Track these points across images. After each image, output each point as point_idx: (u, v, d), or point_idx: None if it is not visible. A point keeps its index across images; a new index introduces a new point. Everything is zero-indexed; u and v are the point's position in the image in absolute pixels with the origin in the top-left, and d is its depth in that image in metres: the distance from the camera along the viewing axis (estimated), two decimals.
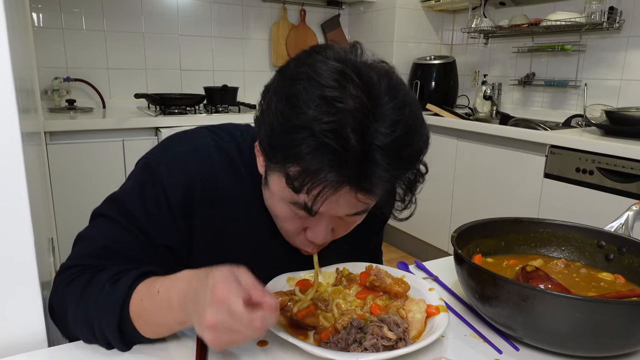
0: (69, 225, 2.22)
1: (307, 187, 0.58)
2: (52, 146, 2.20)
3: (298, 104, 0.57)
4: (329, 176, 0.56)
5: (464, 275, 0.73)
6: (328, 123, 0.55)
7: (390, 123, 0.57)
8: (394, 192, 0.64)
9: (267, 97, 0.63)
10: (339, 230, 0.73)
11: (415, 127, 0.60)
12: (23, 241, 0.64)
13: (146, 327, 0.63)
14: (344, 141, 0.55)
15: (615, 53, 2.48)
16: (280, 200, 0.68)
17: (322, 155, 0.56)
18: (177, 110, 2.63)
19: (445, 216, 2.75)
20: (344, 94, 0.56)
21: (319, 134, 0.55)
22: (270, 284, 0.76)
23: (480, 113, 3.03)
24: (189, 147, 0.78)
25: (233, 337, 0.54)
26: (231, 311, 0.52)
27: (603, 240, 0.85)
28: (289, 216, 0.69)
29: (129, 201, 0.73)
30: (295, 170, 0.58)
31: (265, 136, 0.62)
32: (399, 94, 0.59)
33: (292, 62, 0.63)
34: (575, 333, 0.62)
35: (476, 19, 2.96)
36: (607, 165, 1.93)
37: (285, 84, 0.61)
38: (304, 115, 0.56)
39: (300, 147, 0.56)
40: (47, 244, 1.19)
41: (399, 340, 0.63)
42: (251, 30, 3.24)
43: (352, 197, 0.61)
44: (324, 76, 0.57)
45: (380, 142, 0.56)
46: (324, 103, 0.56)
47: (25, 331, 0.67)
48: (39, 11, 2.61)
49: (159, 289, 0.61)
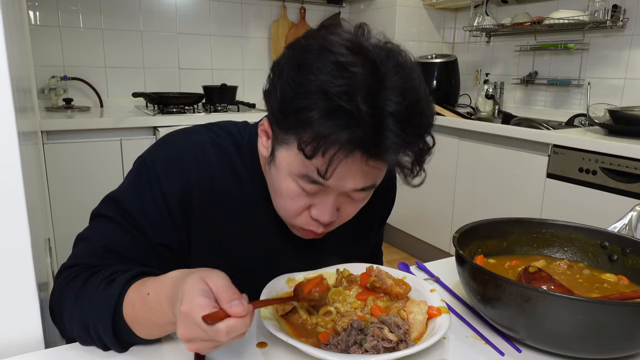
0: (66, 226, 2.23)
1: (322, 150, 0.58)
2: (49, 146, 2.20)
3: (311, 70, 0.58)
4: (341, 137, 0.57)
5: (466, 277, 0.73)
6: (341, 86, 0.56)
7: (401, 92, 0.58)
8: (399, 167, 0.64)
9: (277, 69, 0.64)
10: (344, 210, 0.72)
11: (423, 98, 0.62)
12: (20, 242, 0.64)
13: (141, 329, 0.63)
14: (357, 103, 0.56)
15: (619, 51, 2.48)
16: (287, 176, 0.67)
17: (335, 118, 0.56)
18: (176, 109, 2.63)
19: (446, 216, 2.75)
20: (356, 60, 0.58)
21: (332, 96, 0.56)
22: (270, 285, 0.76)
23: (482, 112, 3.03)
24: (185, 145, 0.78)
25: (212, 344, 0.55)
26: (196, 324, 0.52)
27: (606, 240, 0.85)
28: (295, 193, 0.68)
29: (126, 201, 0.73)
30: (307, 136, 0.59)
31: (276, 103, 0.63)
32: (406, 67, 0.61)
33: (302, 38, 0.64)
34: (578, 335, 0.62)
35: (478, 17, 2.96)
36: (610, 165, 1.93)
37: (296, 54, 0.62)
38: (317, 79, 0.57)
39: (313, 111, 0.57)
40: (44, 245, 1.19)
41: (399, 342, 0.63)
42: (250, 29, 3.24)
43: (363, 165, 0.61)
44: (336, 45, 0.59)
45: (391, 109, 0.57)
46: (337, 68, 0.57)
47: (21, 332, 0.67)
48: (36, 9, 2.61)
49: (149, 292, 0.61)
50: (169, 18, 2.97)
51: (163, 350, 0.66)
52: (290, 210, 0.71)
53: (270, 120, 0.69)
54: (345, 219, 0.74)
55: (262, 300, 0.59)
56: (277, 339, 0.66)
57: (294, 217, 0.72)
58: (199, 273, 0.56)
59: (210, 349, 0.56)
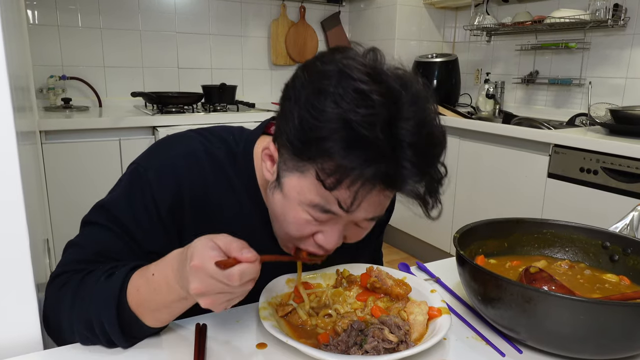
0: (65, 226, 2.23)
1: (346, 183, 0.58)
2: (47, 145, 2.20)
3: (332, 97, 0.57)
4: (366, 172, 0.57)
5: (466, 277, 0.73)
6: (364, 115, 0.56)
7: (418, 122, 0.58)
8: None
9: (292, 93, 0.62)
10: (349, 237, 0.72)
11: (437, 128, 0.62)
12: (18, 242, 0.64)
13: (148, 314, 0.64)
14: (378, 134, 0.56)
15: (620, 51, 2.48)
16: (297, 205, 0.66)
17: (359, 150, 0.56)
18: (175, 109, 2.63)
19: (447, 217, 2.75)
20: (377, 88, 0.57)
21: (355, 126, 0.55)
22: (270, 285, 0.76)
23: (482, 112, 3.03)
24: (177, 152, 0.77)
25: (226, 297, 0.57)
26: (210, 274, 0.55)
27: (608, 241, 0.85)
28: (303, 222, 0.67)
29: (117, 208, 0.73)
30: (329, 166, 0.58)
31: (293, 130, 0.61)
32: (422, 97, 0.61)
33: (317, 61, 0.63)
34: (580, 335, 0.62)
35: (479, 16, 2.96)
36: (611, 165, 1.93)
37: (313, 79, 0.61)
38: (338, 107, 0.56)
39: (336, 141, 0.56)
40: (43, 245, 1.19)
41: (400, 343, 0.63)
42: (250, 28, 3.24)
43: (380, 195, 0.62)
44: (355, 71, 0.58)
45: (409, 140, 0.57)
46: (359, 96, 0.57)
47: (20, 333, 0.67)
48: (34, 8, 2.61)
49: (153, 272, 0.63)
50: (168, 17, 2.97)
51: (166, 347, 0.66)
52: (295, 236, 0.70)
53: (279, 145, 0.67)
54: (350, 242, 0.74)
55: (268, 255, 0.60)
56: (277, 340, 0.66)
57: (297, 241, 0.72)
58: (204, 236, 0.58)
59: (224, 302, 0.58)
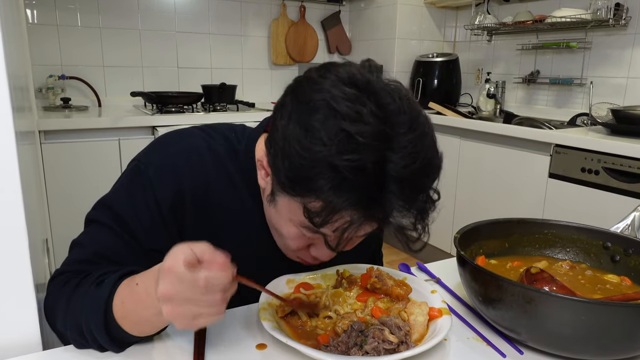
0: (64, 226, 2.23)
1: (332, 223, 0.59)
2: (46, 145, 2.20)
3: (319, 137, 0.56)
4: (354, 216, 0.58)
5: (467, 277, 0.73)
6: (351, 160, 0.55)
7: (409, 155, 0.57)
8: None
9: (280, 123, 0.61)
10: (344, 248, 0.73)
11: (432, 158, 0.61)
12: (17, 242, 0.64)
13: (131, 326, 0.63)
14: (367, 177, 0.56)
15: (622, 50, 2.48)
16: (288, 221, 0.68)
17: (346, 192, 0.56)
18: (174, 108, 2.63)
19: (447, 217, 2.75)
20: (364, 126, 0.56)
21: (342, 170, 0.55)
22: (270, 285, 0.76)
23: (483, 112, 3.03)
24: (178, 148, 0.77)
25: (191, 308, 0.54)
26: (178, 276, 0.53)
27: (609, 241, 0.85)
28: (295, 236, 0.69)
29: (119, 206, 0.73)
30: (316, 205, 0.59)
31: (282, 168, 0.61)
32: (418, 124, 0.60)
33: (306, 84, 0.62)
34: (581, 336, 0.62)
35: (479, 15, 2.96)
36: (613, 165, 1.93)
37: (301, 110, 0.59)
38: (325, 149, 0.56)
39: (322, 182, 0.56)
40: (42, 245, 1.19)
41: (400, 344, 0.63)
42: (250, 27, 3.24)
43: (368, 226, 0.62)
44: (341, 104, 0.57)
45: (396, 174, 0.57)
46: (345, 138, 0.55)
47: (19, 334, 0.67)
48: (33, 7, 2.61)
49: (137, 282, 0.63)
50: (168, 16, 2.97)
51: (164, 350, 0.66)
52: (290, 248, 0.73)
53: (271, 168, 0.66)
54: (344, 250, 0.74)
55: (244, 278, 0.59)
56: (276, 341, 0.66)
57: (293, 253, 0.75)
58: (184, 243, 0.57)
59: (188, 316, 0.55)
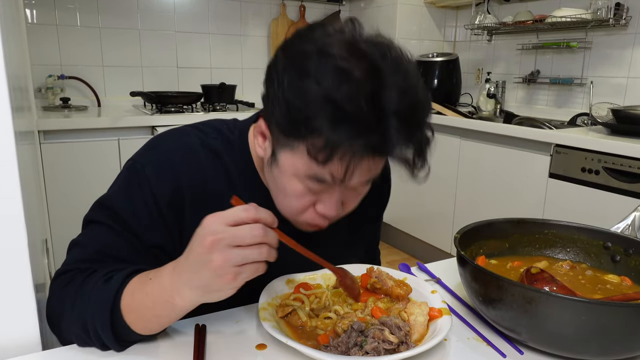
0: (63, 226, 2.23)
1: (336, 157, 0.60)
2: (46, 145, 2.20)
3: (314, 78, 0.59)
4: (355, 145, 0.59)
5: (467, 278, 0.73)
6: (346, 92, 0.58)
7: (401, 91, 0.60)
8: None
9: (275, 76, 0.64)
10: (349, 203, 0.74)
11: (421, 93, 0.64)
12: (16, 242, 0.64)
13: (137, 321, 0.63)
14: (363, 108, 0.58)
15: (622, 50, 2.48)
16: (292, 177, 0.69)
17: (346, 125, 0.58)
18: (174, 108, 2.63)
19: (447, 217, 2.75)
20: (357, 64, 0.59)
21: (339, 103, 0.58)
22: (270, 286, 0.76)
23: (483, 111, 3.03)
24: (174, 146, 0.78)
25: (237, 253, 0.56)
26: (225, 219, 0.56)
27: (609, 241, 0.85)
28: (301, 193, 0.70)
29: (117, 205, 0.74)
30: (318, 143, 0.60)
31: (281, 113, 0.63)
32: (403, 64, 0.63)
33: (295, 40, 0.65)
34: (581, 336, 0.62)
35: (479, 15, 2.96)
36: (613, 165, 1.93)
37: (295, 60, 0.62)
38: (321, 87, 0.58)
39: (322, 119, 0.59)
40: (41, 246, 1.19)
41: (400, 344, 0.63)
42: (250, 27, 3.24)
43: (371, 162, 0.65)
44: (334, 48, 0.60)
45: (394, 108, 0.60)
46: (340, 74, 0.59)
47: (18, 334, 0.67)
48: (33, 7, 2.61)
49: (151, 277, 0.63)
50: (167, 16, 2.97)
51: (164, 350, 0.66)
52: (296, 209, 0.72)
53: (269, 124, 0.69)
54: (349, 210, 0.76)
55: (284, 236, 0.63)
56: (276, 341, 0.66)
57: (299, 215, 0.74)
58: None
59: (239, 257, 0.56)
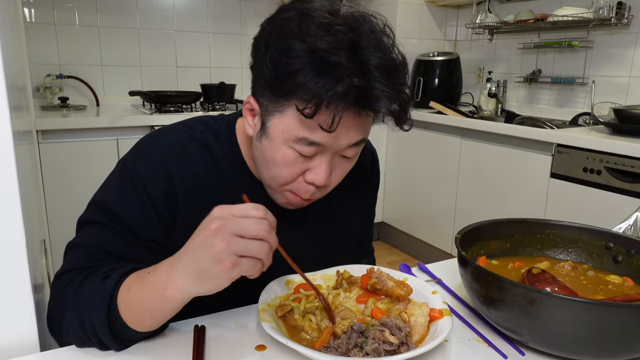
0: (62, 226, 2.23)
1: (323, 106, 0.63)
2: (44, 145, 2.20)
3: (297, 35, 0.64)
4: (338, 90, 0.62)
5: (468, 278, 0.73)
6: (329, 42, 0.62)
7: (379, 49, 0.66)
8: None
9: (261, 43, 0.69)
10: (336, 173, 0.76)
11: (397, 55, 0.69)
12: (15, 243, 0.64)
13: (133, 317, 0.64)
14: (346, 57, 0.62)
15: (624, 49, 2.48)
16: (282, 144, 0.71)
17: (330, 73, 0.62)
18: (173, 108, 2.63)
19: (448, 217, 2.75)
20: (338, 21, 0.65)
21: (322, 54, 0.62)
22: (269, 287, 0.76)
23: (484, 111, 3.03)
24: (163, 143, 0.80)
25: (241, 242, 0.57)
26: (234, 210, 0.58)
27: (611, 241, 0.85)
28: (291, 160, 0.71)
29: (111, 203, 0.75)
30: (305, 96, 0.64)
31: (268, 72, 0.67)
32: (378, 29, 0.69)
33: (278, 12, 0.70)
34: (583, 337, 0.62)
35: (481, 14, 2.96)
36: (615, 165, 1.93)
37: (279, 26, 0.67)
38: (304, 42, 0.63)
39: (307, 71, 0.63)
40: (40, 246, 1.19)
41: (401, 345, 0.63)
42: (249, 26, 3.24)
43: (357, 117, 0.67)
44: (315, 12, 0.66)
45: (375, 63, 0.64)
46: (322, 27, 0.64)
47: (17, 335, 0.67)
48: (31, 6, 2.61)
49: (149, 271, 0.64)
50: (167, 15, 2.97)
51: (163, 349, 0.66)
52: (286, 178, 0.74)
53: (258, 94, 0.73)
54: (335, 183, 0.78)
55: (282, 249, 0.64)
56: (276, 342, 0.66)
57: (287, 185, 0.75)
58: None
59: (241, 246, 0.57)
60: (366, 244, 1.07)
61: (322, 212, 0.91)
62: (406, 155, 3.00)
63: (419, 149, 2.89)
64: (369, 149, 1.00)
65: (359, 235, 1.03)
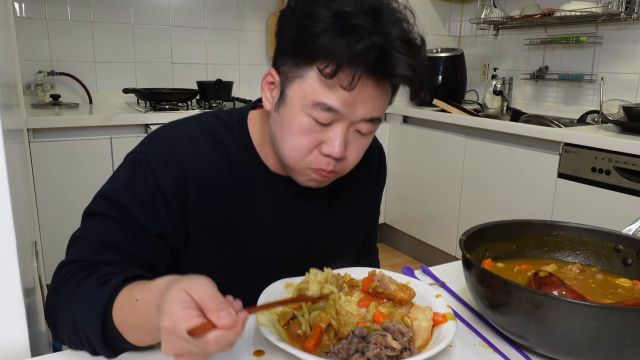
0: (54, 228, 2.23)
1: (344, 64, 0.67)
2: (35, 144, 2.20)
3: (324, 2, 0.69)
4: (358, 48, 0.66)
5: (473, 281, 0.73)
6: (354, 6, 0.68)
7: (401, 25, 0.72)
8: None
9: (288, 11, 0.73)
10: (351, 149, 0.77)
11: (418, 34, 0.75)
12: (5, 246, 0.64)
13: (131, 334, 0.64)
14: (368, 22, 0.67)
15: (634, 45, 2.48)
16: (300, 111, 0.73)
17: (352, 33, 0.67)
18: (168, 106, 2.63)
19: (452, 218, 2.75)
20: None
21: (345, 17, 0.67)
22: (268, 289, 0.76)
23: (489, 109, 3.03)
24: (175, 136, 0.82)
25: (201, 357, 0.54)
26: (182, 338, 0.51)
27: (620, 243, 0.85)
28: (307, 128, 0.74)
29: (119, 194, 0.76)
30: (327, 56, 0.68)
31: (292, 33, 0.72)
32: (399, 8, 0.75)
33: None
34: (591, 342, 0.62)
35: (486, 9, 2.96)
36: (624, 165, 1.93)
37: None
38: (329, 7, 0.68)
39: (330, 32, 0.67)
40: (30, 249, 1.19)
41: (404, 350, 0.63)
42: (247, 21, 3.24)
43: (376, 87, 0.71)
44: None
45: (395, 34, 0.69)
46: None
47: (7, 340, 0.67)
48: (21, 0, 2.61)
49: (137, 298, 0.61)
50: (162, 10, 2.97)
51: (155, 357, 0.66)
52: (302, 148, 0.75)
53: (279, 64, 0.76)
54: (352, 162, 0.79)
55: (257, 306, 0.58)
56: (274, 347, 0.66)
57: (304, 157, 0.76)
58: (180, 284, 0.54)
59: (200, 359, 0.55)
60: (371, 241, 1.08)
61: (328, 207, 0.92)
62: (408, 154, 3.00)
63: (422, 148, 2.89)
64: (376, 144, 1.02)
65: (365, 230, 1.04)
